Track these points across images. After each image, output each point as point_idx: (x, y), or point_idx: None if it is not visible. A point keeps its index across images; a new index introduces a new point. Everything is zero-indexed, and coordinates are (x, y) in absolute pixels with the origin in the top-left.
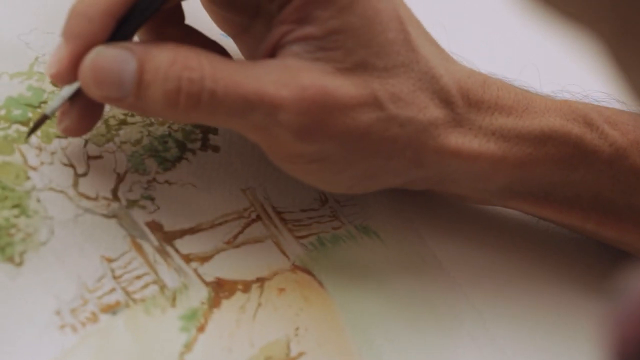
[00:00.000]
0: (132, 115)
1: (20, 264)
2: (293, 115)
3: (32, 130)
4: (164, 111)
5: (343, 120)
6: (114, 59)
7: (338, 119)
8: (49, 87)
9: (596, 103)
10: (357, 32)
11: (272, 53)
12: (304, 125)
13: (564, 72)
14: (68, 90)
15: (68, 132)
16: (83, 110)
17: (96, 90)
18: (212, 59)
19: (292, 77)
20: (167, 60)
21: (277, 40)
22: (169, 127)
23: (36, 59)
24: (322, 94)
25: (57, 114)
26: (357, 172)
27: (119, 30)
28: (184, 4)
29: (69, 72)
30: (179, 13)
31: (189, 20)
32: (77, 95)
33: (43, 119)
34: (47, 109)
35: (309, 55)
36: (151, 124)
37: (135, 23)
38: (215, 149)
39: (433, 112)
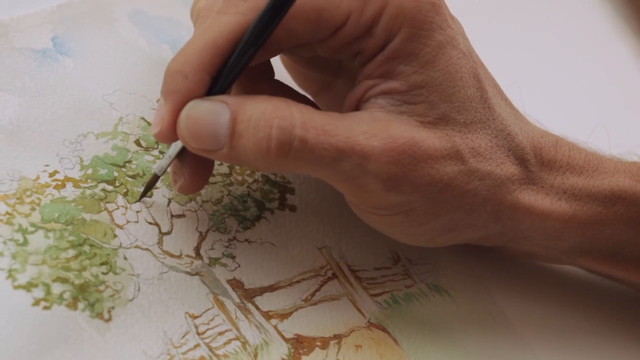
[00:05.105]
0: (213, 175)
1: (109, 319)
2: (382, 164)
3: (145, 191)
4: (257, 160)
5: (428, 171)
6: (208, 111)
7: (424, 170)
8: (133, 147)
9: None
10: (439, 87)
11: (357, 107)
12: (392, 174)
13: (634, 133)
14: (174, 148)
15: (183, 191)
16: (194, 167)
17: (193, 143)
18: (302, 109)
19: (382, 128)
20: (259, 110)
21: (361, 95)
22: (248, 187)
23: (120, 119)
24: (411, 145)
25: (170, 174)
26: (439, 224)
27: (214, 86)
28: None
29: (171, 130)
30: (269, 69)
31: None
32: (185, 154)
33: (154, 179)
34: (157, 169)
35: (393, 108)
36: (231, 184)
37: (229, 78)
38: (293, 208)
39: (509, 168)
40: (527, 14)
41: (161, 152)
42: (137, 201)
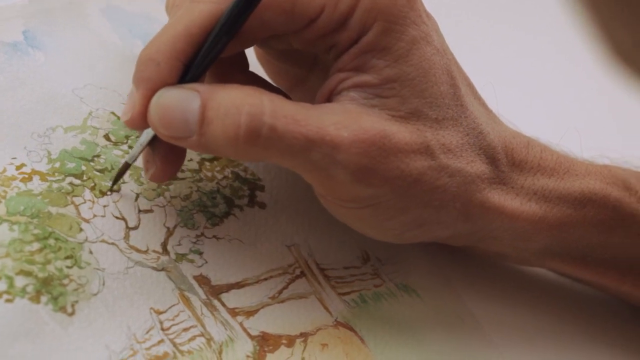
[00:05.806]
0: (182, 171)
1: (72, 313)
2: (352, 155)
3: (116, 180)
4: (226, 147)
5: (398, 165)
6: (179, 98)
7: (393, 163)
8: (102, 142)
9: (636, 169)
10: (412, 82)
11: (329, 99)
12: (361, 166)
13: (606, 136)
14: (146, 136)
15: (155, 179)
16: (165, 155)
17: (163, 130)
18: (273, 98)
19: (353, 119)
20: (229, 98)
21: (334, 87)
22: (218, 183)
23: (90, 113)
24: (381, 137)
25: (142, 162)
26: (408, 219)
27: (186, 74)
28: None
29: (142, 117)
30: (243, 60)
31: None
32: (157, 142)
33: (125, 167)
34: (128, 156)
35: (365, 101)
36: (200, 180)
37: (202, 66)
38: (262, 205)
39: (479, 166)
40: (503, 14)
41: (130, 147)
42: (108, 190)
